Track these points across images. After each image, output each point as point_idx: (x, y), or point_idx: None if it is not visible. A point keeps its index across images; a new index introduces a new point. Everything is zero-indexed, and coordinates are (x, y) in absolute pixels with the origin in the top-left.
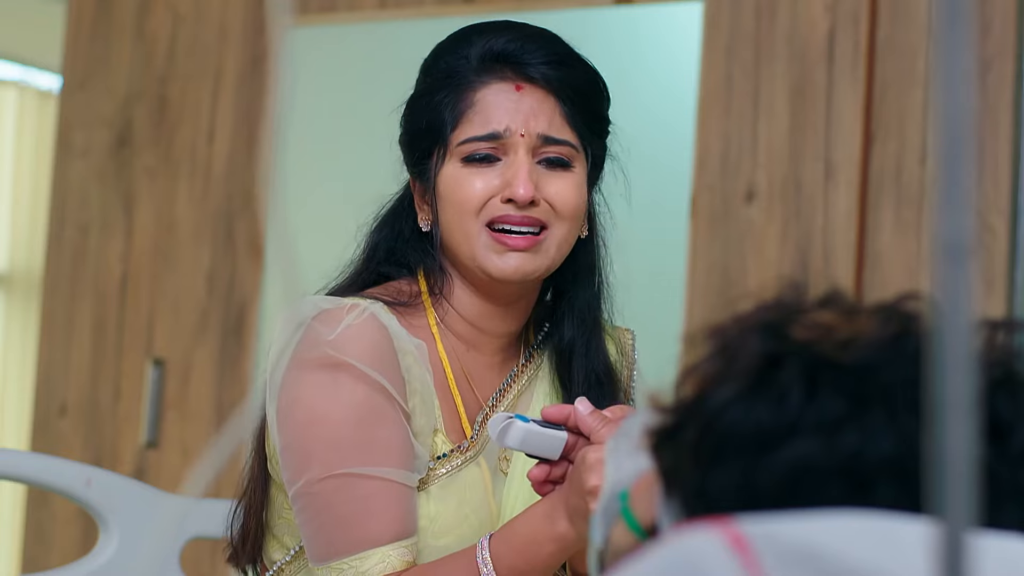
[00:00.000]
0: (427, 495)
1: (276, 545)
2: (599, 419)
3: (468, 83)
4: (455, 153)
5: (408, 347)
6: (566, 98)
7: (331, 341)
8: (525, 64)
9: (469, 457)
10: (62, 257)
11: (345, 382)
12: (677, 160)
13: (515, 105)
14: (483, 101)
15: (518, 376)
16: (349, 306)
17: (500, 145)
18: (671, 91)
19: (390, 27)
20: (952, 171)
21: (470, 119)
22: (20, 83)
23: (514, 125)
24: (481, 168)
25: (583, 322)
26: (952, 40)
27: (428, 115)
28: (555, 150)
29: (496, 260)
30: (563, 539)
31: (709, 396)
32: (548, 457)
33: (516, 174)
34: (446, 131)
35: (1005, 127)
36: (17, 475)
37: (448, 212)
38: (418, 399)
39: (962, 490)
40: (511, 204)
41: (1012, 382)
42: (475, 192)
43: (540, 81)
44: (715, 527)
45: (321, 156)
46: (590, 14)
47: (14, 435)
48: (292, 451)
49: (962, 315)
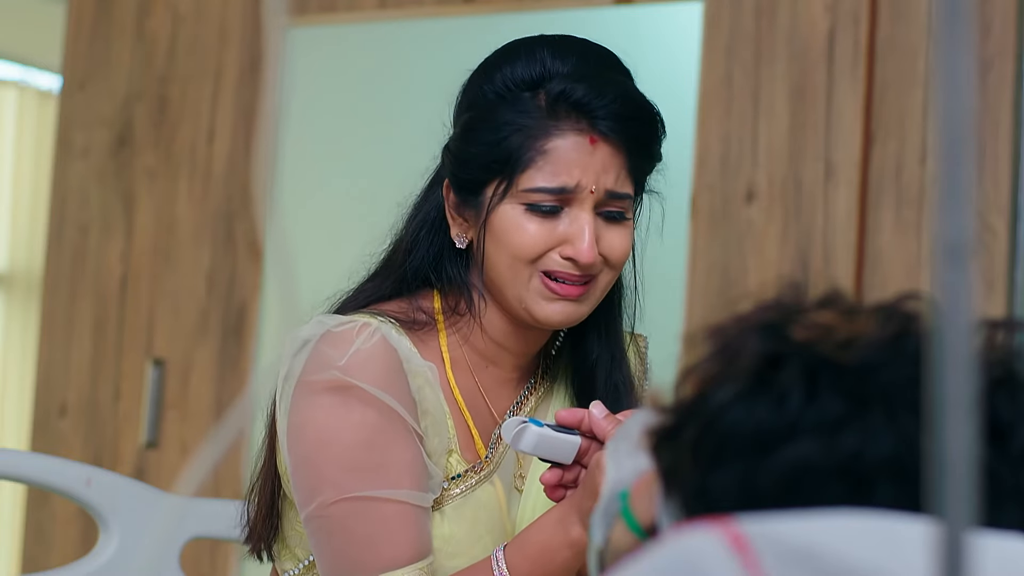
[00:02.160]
0: (441, 515)
1: (288, 554)
2: (613, 423)
3: (541, 126)
4: (519, 196)
5: (419, 368)
6: (633, 151)
7: (341, 365)
8: (600, 118)
9: (483, 476)
10: (62, 257)
11: (355, 405)
12: (677, 160)
13: (587, 160)
14: (556, 151)
15: (535, 389)
16: (359, 327)
17: (567, 198)
18: (671, 91)
19: (390, 27)
20: (952, 171)
21: (541, 167)
22: (20, 83)
23: (585, 181)
24: (543, 219)
25: (607, 335)
26: (952, 40)
27: (493, 146)
28: (617, 205)
29: (544, 306)
30: (577, 544)
31: (709, 396)
32: (561, 461)
33: (581, 234)
34: (513, 171)
35: (1005, 127)
36: (17, 475)
37: (499, 251)
38: (430, 420)
39: (962, 490)
40: (570, 262)
41: (1012, 382)
42: (534, 242)
43: (612, 137)
44: (715, 527)
45: (321, 156)
46: (590, 14)
47: (14, 435)
48: (303, 474)
49: (962, 315)
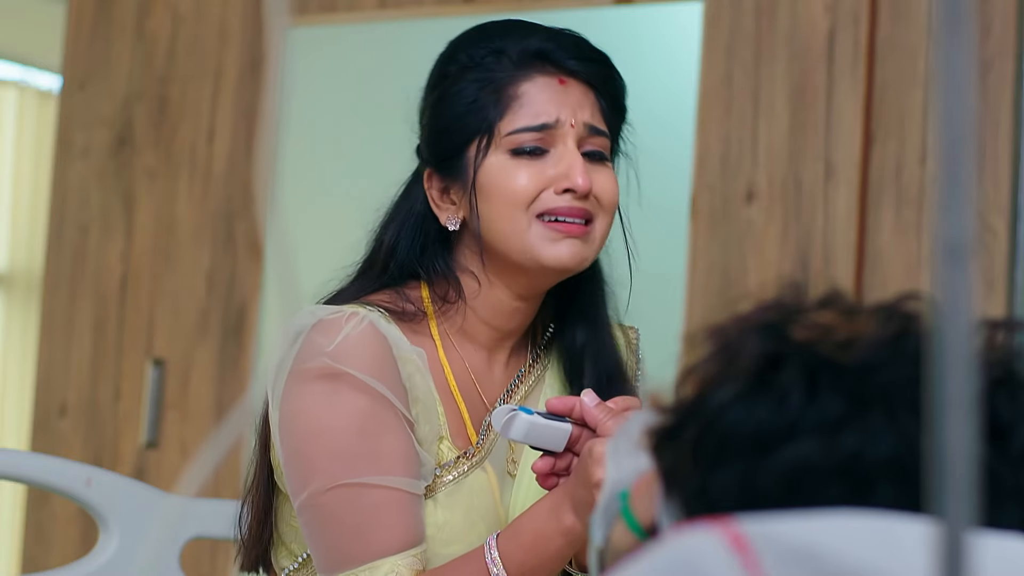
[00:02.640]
0: (434, 503)
1: (284, 552)
2: (605, 411)
3: (509, 76)
4: (502, 144)
5: (409, 355)
6: (603, 92)
7: (330, 352)
8: (564, 59)
9: (475, 463)
10: (62, 257)
11: (345, 392)
12: (677, 160)
13: (561, 97)
14: (529, 93)
15: (525, 376)
16: (348, 315)
17: (549, 136)
18: (671, 91)
19: (390, 27)
20: (952, 171)
21: (516, 110)
22: (20, 83)
23: (563, 116)
24: (530, 161)
25: (594, 323)
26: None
27: (464, 108)
28: (597, 142)
29: (551, 248)
30: (570, 532)
31: (709, 396)
32: (552, 449)
33: (573, 165)
34: (491, 122)
35: (1005, 127)
36: (17, 475)
37: (493, 205)
38: (420, 407)
39: (962, 490)
40: (567, 195)
41: (1012, 382)
42: (526, 184)
43: (581, 75)
44: (715, 527)
45: (321, 156)
46: (590, 14)
47: (14, 435)
48: (295, 463)
49: (962, 315)
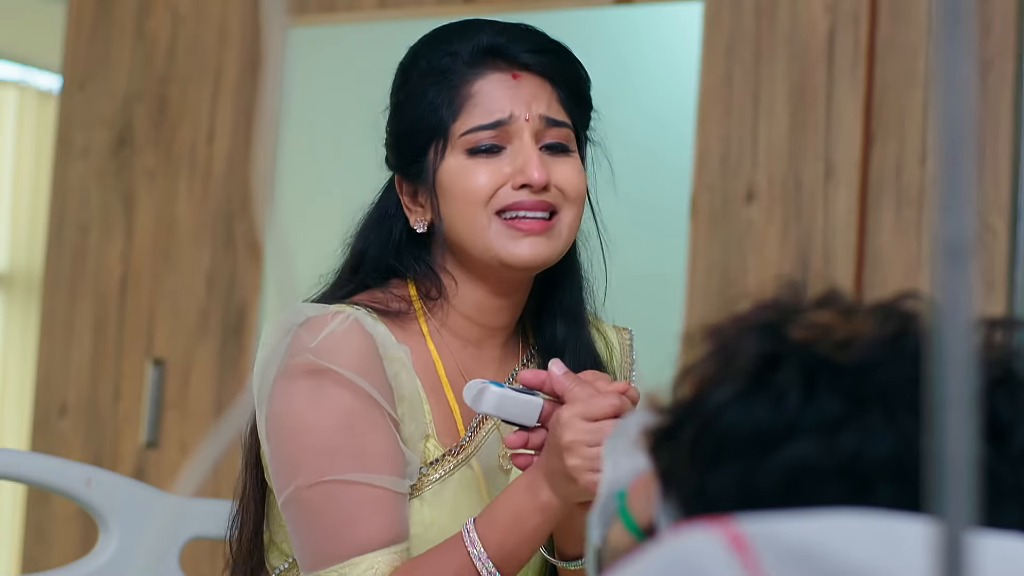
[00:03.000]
0: (421, 501)
1: (276, 552)
2: (573, 380)
3: (462, 76)
4: (457, 145)
5: (395, 353)
6: (559, 83)
7: (314, 348)
8: (516, 54)
9: (461, 460)
10: (62, 257)
11: (330, 389)
12: (677, 160)
13: (514, 92)
14: (482, 91)
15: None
16: (333, 312)
17: (504, 132)
18: (671, 91)
19: (390, 27)
20: (952, 171)
21: (470, 110)
22: (20, 83)
23: (517, 111)
24: (487, 159)
25: (573, 320)
26: (952, 40)
27: (421, 111)
28: (556, 134)
29: (511, 247)
30: (547, 508)
31: (707, 396)
32: (525, 423)
33: (528, 159)
34: (445, 124)
35: (1005, 127)
36: (17, 475)
37: (454, 206)
38: (406, 405)
39: (962, 490)
40: (524, 190)
41: (1011, 381)
42: (483, 183)
43: (535, 67)
44: (714, 526)
45: (321, 156)
46: (590, 14)
47: (14, 435)
48: (280, 459)
49: (962, 315)
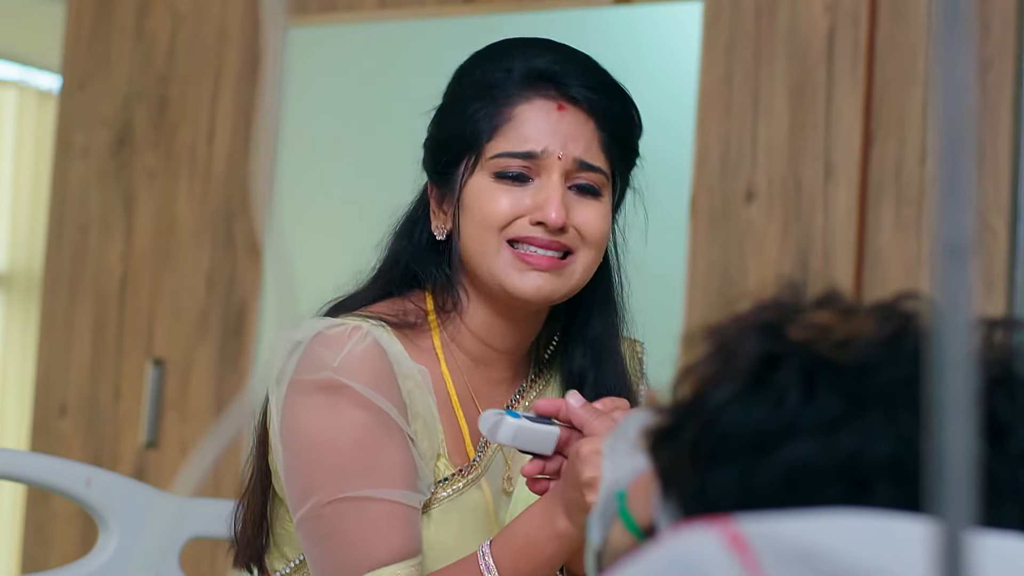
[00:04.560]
0: (428, 519)
1: (277, 555)
2: (591, 412)
3: (507, 96)
4: (487, 166)
5: (410, 372)
6: (604, 124)
7: (335, 367)
8: (568, 85)
9: (471, 480)
10: (62, 257)
11: (347, 406)
12: (677, 160)
13: (555, 126)
14: (522, 117)
15: (527, 392)
16: (351, 329)
17: (535, 164)
18: (671, 91)
19: (390, 27)
20: (952, 171)
21: (506, 134)
22: (20, 83)
23: (552, 147)
24: (512, 186)
25: (595, 352)
26: (952, 40)
27: (462, 122)
28: (588, 177)
29: (516, 278)
30: (563, 536)
31: (707, 396)
32: (541, 452)
33: (549, 198)
34: (480, 141)
35: (1005, 127)
36: (17, 475)
37: (470, 224)
38: (420, 423)
39: (961, 490)
40: (540, 227)
41: (1010, 381)
42: (502, 209)
43: (582, 103)
44: (714, 526)
45: (320, 156)
46: (590, 14)
47: (14, 435)
48: (296, 476)
49: (962, 315)
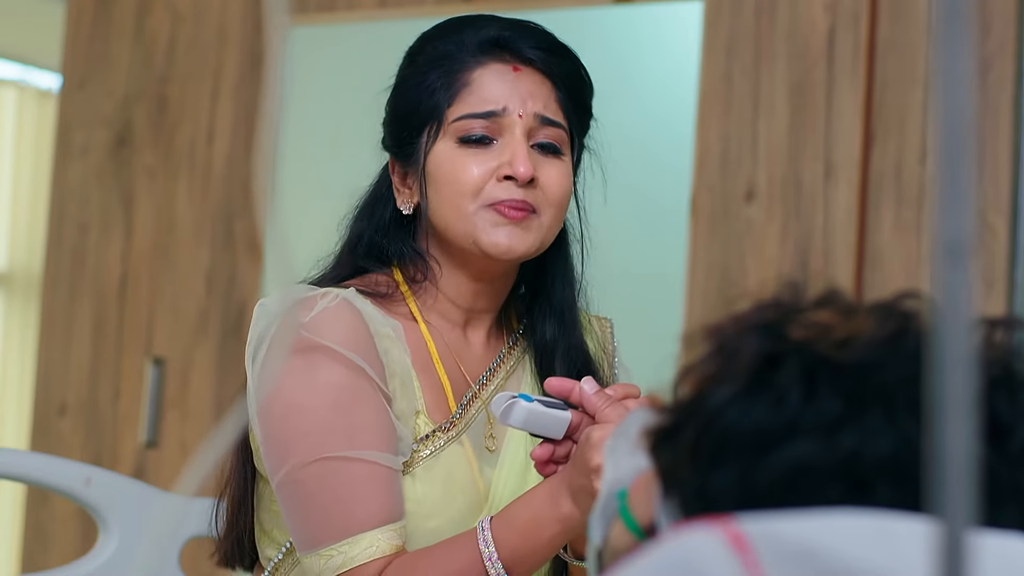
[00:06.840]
0: (412, 477)
1: (267, 541)
2: (604, 398)
3: (463, 63)
4: (449, 131)
5: (384, 329)
6: (560, 83)
7: (306, 325)
8: (521, 48)
9: (452, 436)
10: (62, 257)
11: (322, 365)
12: (677, 160)
13: (512, 85)
14: (480, 80)
15: (506, 357)
16: (323, 292)
17: (496, 124)
18: (671, 91)
19: (390, 27)
20: (952, 171)
21: (466, 98)
22: (20, 83)
23: (512, 105)
24: (477, 150)
25: (562, 321)
26: (952, 40)
27: (420, 93)
28: (549, 133)
29: (491, 233)
30: (567, 520)
31: (707, 396)
32: (552, 437)
33: (516, 153)
34: (440, 109)
35: (1005, 127)
36: (17, 475)
37: (440, 193)
38: (398, 382)
39: (962, 490)
40: (509, 182)
41: (1011, 381)
42: (471, 175)
43: (537, 64)
44: (714, 526)
45: (321, 156)
46: (590, 13)
47: (14, 435)
48: (273, 440)
49: (962, 315)
